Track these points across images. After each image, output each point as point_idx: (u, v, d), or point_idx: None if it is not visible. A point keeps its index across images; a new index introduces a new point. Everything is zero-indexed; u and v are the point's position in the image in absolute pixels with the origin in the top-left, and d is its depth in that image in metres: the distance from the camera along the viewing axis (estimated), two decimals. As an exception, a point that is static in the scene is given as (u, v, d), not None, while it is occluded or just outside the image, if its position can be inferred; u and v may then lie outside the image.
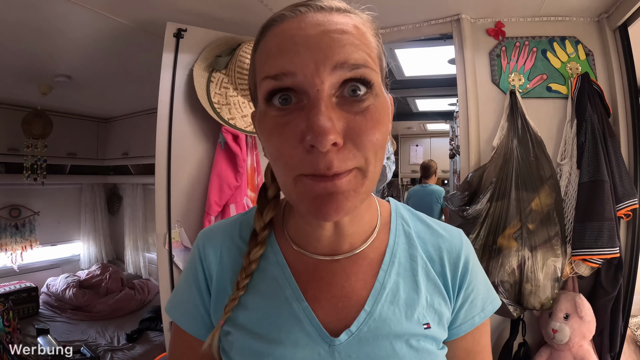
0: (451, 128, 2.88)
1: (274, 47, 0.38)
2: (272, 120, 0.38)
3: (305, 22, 0.38)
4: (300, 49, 0.36)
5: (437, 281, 0.50)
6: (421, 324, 0.47)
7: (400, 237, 0.52)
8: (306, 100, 0.37)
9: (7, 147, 3.08)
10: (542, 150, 1.50)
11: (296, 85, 0.37)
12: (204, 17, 1.60)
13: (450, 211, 1.61)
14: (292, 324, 0.46)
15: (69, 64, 2.21)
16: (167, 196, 1.53)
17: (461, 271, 0.51)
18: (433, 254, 0.51)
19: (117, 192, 4.09)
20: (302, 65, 0.36)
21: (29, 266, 3.45)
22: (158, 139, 1.52)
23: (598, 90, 1.50)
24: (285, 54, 0.37)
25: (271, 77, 0.37)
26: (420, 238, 0.52)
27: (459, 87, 1.64)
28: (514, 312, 1.42)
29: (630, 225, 1.49)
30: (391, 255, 0.50)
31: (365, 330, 0.45)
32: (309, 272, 0.48)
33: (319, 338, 0.45)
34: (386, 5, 1.53)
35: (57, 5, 1.47)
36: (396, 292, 0.48)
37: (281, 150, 0.38)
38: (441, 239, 0.52)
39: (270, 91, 0.38)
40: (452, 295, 0.50)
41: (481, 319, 0.52)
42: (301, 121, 0.36)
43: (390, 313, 0.46)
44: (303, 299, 0.47)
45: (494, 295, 0.55)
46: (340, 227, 0.47)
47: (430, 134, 5.04)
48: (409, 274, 0.49)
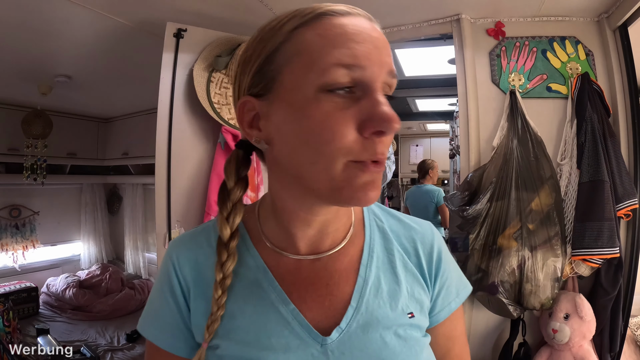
0: (451, 128, 2.88)
1: (343, 35, 0.39)
2: (329, 105, 0.39)
3: (366, 25, 0.41)
4: (370, 47, 0.39)
5: (414, 272, 0.52)
6: (405, 313, 0.48)
7: (375, 233, 0.53)
8: (360, 92, 0.39)
9: (7, 147, 3.08)
10: (542, 150, 1.50)
11: (361, 80, 0.39)
12: (204, 17, 1.60)
13: (450, 211, 1.61)
14: (282, 327, 0.46)
15: (69, 64, 2.21)
16: (167, 196, 1.53)
17: (435, 260, 0.53)
18: (408, 246, 0.53)
19: (117, 192, 4.09)
20: (372, 61, 0.39)
21: (29, 266, 3.45)
22: (158, 139, 1.52)
23: (598, 90, 1.50)
24: (360, 47, 0.39)
25: (344, 66, 0.38)
26: (394, 232, 0.54)
27: (459, 87, 1.64)
28: (514, 312, 1.42)
29: (630, 225, 1.49)
30: (369, 250, 0.51)
31: (355, 326, 0.46)
32: (291, 274, 0.48)
33: (310, 339, 0.45)
34: (386, 5, 1.53)
35: (57, 6, 1.47)
36: (378, 285, 0.49)
37: (338, 132, 0.38)
38: (414, 232, 0.55)
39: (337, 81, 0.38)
40: (430, 284, 0.53)
41: (457, 304, 0.55)
42: (360, 110, 0.39)
43: (376, 306, 0.48)
44: (289, 302, 0.47)
45: (466, 281, 0.58)
46: (325, 225, 0.48)
47: (430, 134, 5.04)
48: (387, 267, 0.51)
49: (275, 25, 0.43)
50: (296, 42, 0.41)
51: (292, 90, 0.40)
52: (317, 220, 0.47)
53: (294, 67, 0.40)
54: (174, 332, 0.50)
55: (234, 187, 0.49)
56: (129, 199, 3.78)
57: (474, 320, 1.60)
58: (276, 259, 0.49)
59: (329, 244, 0.50)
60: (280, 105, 0.41)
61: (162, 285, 0.51)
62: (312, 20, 0.41)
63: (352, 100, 0.39)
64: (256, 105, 0.44)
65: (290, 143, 0.41)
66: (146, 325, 0.52)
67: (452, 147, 2.80)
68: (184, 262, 0.50)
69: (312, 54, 0.39)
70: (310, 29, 0.40)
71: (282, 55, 0.41)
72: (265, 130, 0.44)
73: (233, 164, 0.49)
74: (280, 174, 0.46)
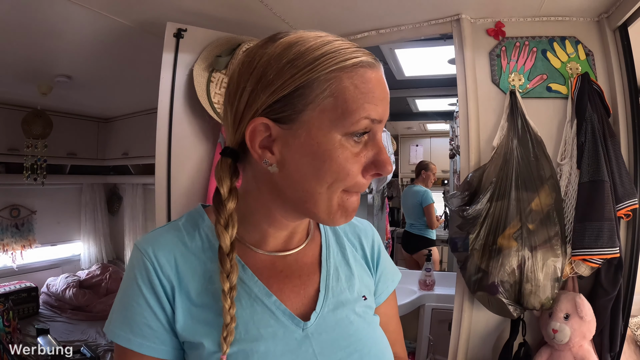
0: (451, 128, 2.88)
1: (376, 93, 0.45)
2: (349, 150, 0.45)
3: (382, 78, 0.47)
4: (385, 103, 0.47)
5: (362, 262, 0.63)
6: (360, 296, 0.58)
7: (329, 231, 0.63)
8: (369, 137, 0.47)
9: (7, 147, 3.08)
10: (542, 150, 1.50)
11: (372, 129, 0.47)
12: (204, 17, 1.60)
13: (450, 211, 1.60)
14: (268, 317, 0.50)
15: (69, 64, 2.21)
16: (167, 196, 1.53)
17: (376, 251, 0.66)
18: (354, 241, 0.65)
19: (117, 192, 4.09)
20: (384, 117, 0.47)
21: (29, 266, 3.45)
22: (158, 139, 1.52)
23: (598, 90, 1.50)
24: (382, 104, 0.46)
25: (372, 120, 0.45)
26: (342, 229, 0.65)
27: (459, 87, 1.64)
28: (514, 312, 1.42)
29: (630, 225, 1.49)
30: (326, 246, 0.61)
31: (327, 309, 0.54)
32: (268, 269, 0.54)
33: (293, 325, 0.51)
34: (386, 5, 1.53)
35: (57, 6, 1.47)
36: (337, 274, 0.58)
37: (350, 172, 0.45)
38: (357, 228, 0.66)
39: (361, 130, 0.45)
40: (373, 272, 0.65)
41: (393, 287, 0.67)
42: (364, 154, 0.46)
43: (339, 291, 0.56)
44: (271, 294, 0.52)
45: (396, 269, 0.70)
46: (294, 228, 0.56)
47: (430, 134, 5.03)
48: (341, 259, 0.61)
49: (310, 58, 0.44)
50: (333, 85, 0.44)
51: (319, 129, 0.44)
52: (292, 224, 0.55)
53: (326, 108, 0.44)
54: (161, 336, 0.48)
55: (228, 197, 0.49)
56: (129, 199, 3.78)
57: (474, 320, 1.60)
58: (251, 255, 0.54)
59: (296, 242, 0.58)
60: (304, 139, 0.44)
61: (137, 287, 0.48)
62: (350, 69, 0.44)
63: (363, 144, 0.46)
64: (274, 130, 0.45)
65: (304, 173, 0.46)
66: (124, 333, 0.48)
67: (452, 147, 2.80)
68: (163, 262, 0.49)
69: (348, 103, 0.44)
70: (347, 77, 0.44)
71: (315, 93, 0.44)
72: (280, 155, 0.46)
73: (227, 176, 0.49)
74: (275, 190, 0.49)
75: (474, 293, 1.50)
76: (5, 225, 3.29)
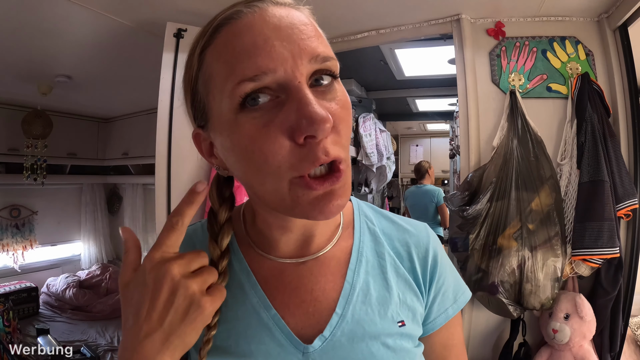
0: (451, 128, 2.88)
1: (241, 45, 0.35)
2: (250, 125, 0.35)
3: (269, 16, 0.36)
4: (275, 42, 0.35)
5: (407, 277, 0.49)
6: (395, 322, 0.46)
7: (366, 235, 0.50)
8: (284, 95, 0.35)
9: (7, 147, 3.08)
10: (542, 150, 1.50)
11: (275, 82, 0.35)
12: (204, 17, 1.58)
13: (450, 211, 1.61)
14: (262, 334, 0.44)
15: (69, 64, 2.21)
16: (167, 196, 1.53)
17: (431, 265, 0.50)
18: (401, 250, 0.50)
19: (117, 192, 4.09)
20: (281, 59, 0.35)
21: (29, 266, 3.45)
22: (158, 139, 1.52)
23: (598, 90, 1.50)
24: (261, 51, 0.35)
25: (249, 79, 0.34)
26: (386, 235, 0.51)
27: (459, 87, 1.64)
28: (514, 312, 1.42)
29: (630, 225, 1.49)
30: (358, 253, 0.48)
31: (339, 334, 0.44)
32: (275, 278, 0.46)
33: (291, 346, 0.43)
34: (386, 5, 1.53)
35: (57, 5, 1.47)
36: (367, 291, 0.46)
37: (269, 151, 0.35)
38: (407, 234, 0.52)
39: (247, 94, 0.35)
40: (424, 290, 0.50)
41: (454, 311, 0.52)
42: (286, 117, 0.35)
43: (363, 313, 0.45)
44: (271, 307, 0.44)
45: (465, 286, 0.55)
46: (308, 229, 0.46)
47: (430, 134, 5.04)
48: (377, 272, 0.48)
49: (190, 50, 0.41)
50: (205, 68, 0.39)
51: (218, 117, 0.39)
52: (296, 225, 0.45)
53: (212, 94, 0.38)
54: None
55: (219, 209, 0.47)
56: (129, 199, 3.78)
57: (474, 320, 1.60)
58: (260, 262, 0.47)
59: (315, 247, 0.47)
60: (217, 134, 0.40)
61: None
62: (212, 38, 0.38)
63: (277, 107, 0.35)
64: (204, 136, 0.43)
65: (237, 168, 0.40)
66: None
67: (452, 147, 2.80)
68: None
69: (218, 79, 0.37)
70: (212, 50, 0.38)
71: (200, 84, 0.40)
72: (219, 157, 0.43)
73: (214, 188, 0.48)
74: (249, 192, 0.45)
75: (474, 293, 1.50)
76: (5, 225, 3.29)
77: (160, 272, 0.37)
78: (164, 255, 0.38)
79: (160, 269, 0.37)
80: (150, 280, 0.37)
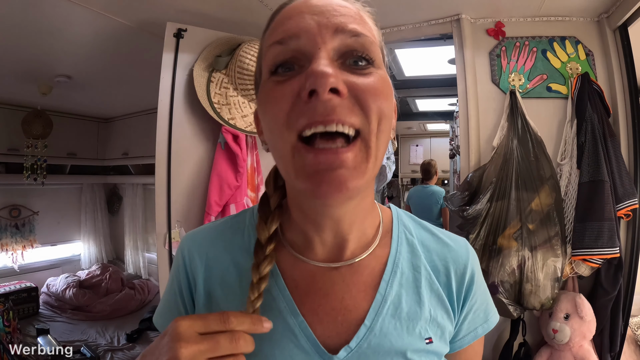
0: (451, 128, 2.88)
1: (281, 18, 0.40)
2: (271, 84, 0.38)
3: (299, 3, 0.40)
4: (305, 15, 0.38)
5: (440, 293, 0.48)
6: (423, 338, 0.45)
7: (403, 246, 0.49)
8: (307, 65, 0.37)
9: (7, 147, 3.08)
10: (542, 150, 1.50)
11: (300, 49, 0.37)
12: (204, 17, 1.60)
13: (450, 211, 1.60)
14: (287, 339, 0.43)
15: (69, 64, 2.21)
16: (167, 196, 1.53)
17: (467, 282, 0.49)
18: (438, 264, 0.49)
19: (117, 192, 4.09)
20: (305, 27, 0.37)
21: (29, 266, 3.45)
22: (158, 139, 1.52)
23: (598, 90, 1.50)
24: (290, 20, 0.38)
25: (277, 42, 0.38)
26: (425, 247, 0.50)
27: (459, 87, 1.64)
28: (514, 312, 1.42)
29: (630, 225, 1.49)
30: (393, 265, 0.47)
31: (365, 347, 0.43)
32: (306, 282, 0.46)
33: (315, 355, 0.42)
34: (386, 5, 1.53)
35: (57, 5, 1.47)
36: (398, 304, 0.45)
37: (276, 107, 0.36)
38: (447, 249, 0.50)
39: (276, 60, 0.38)
40: (457, 308, 0.49)
41: (484, 331, 0.51)
42: (299, 79, 0.36)
43: (392, 327, 0.44)
44: (298, 313, 0.44)
45: (494, 308, 0.54)
46: (340, 229, 0.45)
47: (430, 134, 5.04)
48: (411, 285, 0.47)
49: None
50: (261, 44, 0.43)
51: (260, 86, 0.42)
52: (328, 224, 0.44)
53: (261, 68, 0.42)
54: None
55: (272, 195, 0.48)
56: (129, 199, 3.78)
57: (474, 320, 1.60)
58: (293, 263, 0.47)
59: (350, 253, 0.46)
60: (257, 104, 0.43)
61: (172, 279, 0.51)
62: (270, 21, 0.43)
63: (298, 74, 0.37)
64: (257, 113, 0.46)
65: (265, 137, 0.42)
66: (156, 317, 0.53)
67: (452, 147, 2.80)
68: (194, 256, 0.49)
69: (263, 48, 0.42)
70: (271, 24, 0.42)
71: (259, 62, 0.44)
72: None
73: (271, 175, 0.50)
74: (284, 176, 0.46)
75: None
76: (5, 225, 3.29)
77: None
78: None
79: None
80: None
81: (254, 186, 1.68)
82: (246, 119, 1.58)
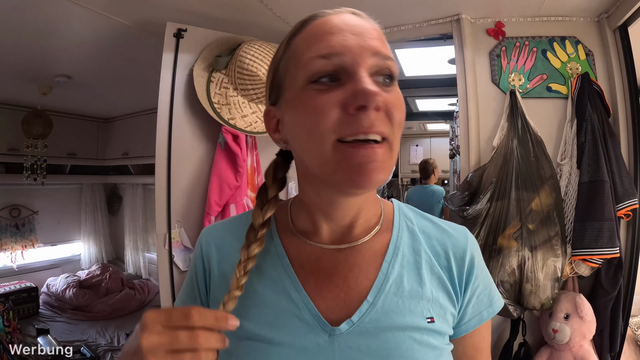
0: (451, 128, 2.88)
1: (322, 32, 0.44)
2: (312, 92, 0.42)
3: (348, 18, 0.45)
4: (347, 35, 0.43)
5: (441, 275, 0.50)
6: (425, 317, 0.47)
7: (404, 232, 0.53)
8: (346, 78, 0.42)
9: (7, 147, 3.08)
10: (542, 150, 1.50)
11: (341, 65, 0.42)
12: (204, 17, 1.60)
13: (450, 211, 1.60)
14: (291, 313, 0.47)
15: (69, 64, 2.21)
16: (167, 196, 1.53)
17: (467, 266, 0.51)
18: (438, 249, 0.52)
19: (117, 192, 4.09)
20: (350, 47, 0.42)
21: (29, 266, 3.45)
22: (158, 139, 1.52)
23: (598, 90, 1.50)
24: (336, 37, 0.43)
25: (322, 56, 0.42)
26: (425, 233, 0.53)
27: (459, 87, 1.64)
28: (514, 312, 1.42)
29: (630, 225, 1.49)
30: (394, 247, 0.51)
31: (367, 321, 0.46)
32: (311, 263, 0.50)
33: (318, 327, 0.46)
34: (386, 5, 1.53)
35: (57, 6, 1.47)
36: (400, 283, 0.48)
37: (320, 115, 0.41)
38: (446, 235, 0.53)
39: (320, 72, 0.42)
40: (460, 291, 0.51)
41: (489, 315, 0.53)
42: (343, 92, 0.41)
43: (394, 305, 0.47)
44: (302, 289, 0.48)
45: (498, 292, 0.56)
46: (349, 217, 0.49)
47: (430, 134, 5.04)
48: (412, 267, 0.50)
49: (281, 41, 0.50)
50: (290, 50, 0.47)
51: (290, 89, 0.46)
52: (339, 214, 0.49)
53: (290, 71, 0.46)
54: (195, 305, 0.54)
55: (270, 186, 0.53)
56: (129, 199, 3.78)
57: (474, 320, 1.60)
58: (300, 247, 0.51)
59: (354, 237, 0.50)
60: (286, 106, 0.47)
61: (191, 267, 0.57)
62: (301, 28, 0.47)
63: (338, 86, 0.42)
64: (274, 112, 0.50)
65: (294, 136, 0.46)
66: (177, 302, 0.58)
67: (452, 147, 2.80)
68: (211, 244, 0.55)
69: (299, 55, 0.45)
70: (299, 36, 0.46)
71: (283, 65, 0.48)
72: (282, 131, 0.49)
73: (271, 168, 0.55)
74: (299, 168, 0.50)
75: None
76: (5, 225, 3.29)
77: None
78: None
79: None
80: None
81: (254, 186, 1.68)
82: (246, 119, 1.58)
